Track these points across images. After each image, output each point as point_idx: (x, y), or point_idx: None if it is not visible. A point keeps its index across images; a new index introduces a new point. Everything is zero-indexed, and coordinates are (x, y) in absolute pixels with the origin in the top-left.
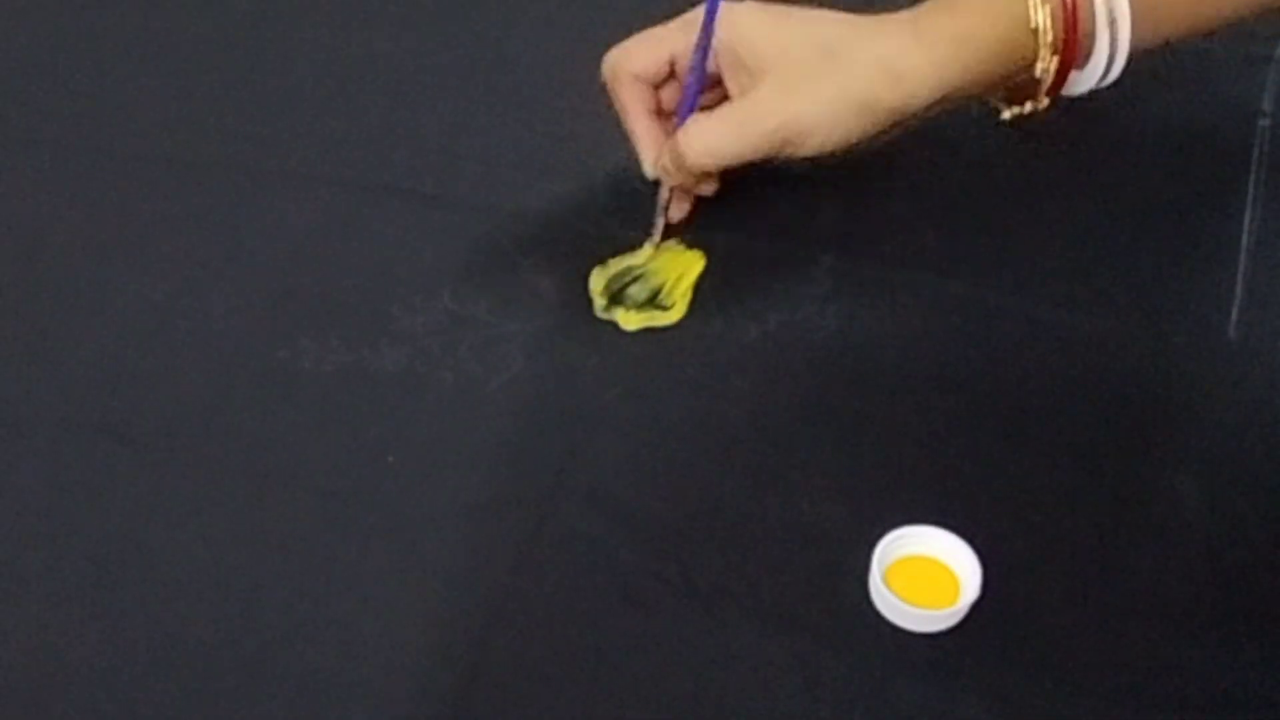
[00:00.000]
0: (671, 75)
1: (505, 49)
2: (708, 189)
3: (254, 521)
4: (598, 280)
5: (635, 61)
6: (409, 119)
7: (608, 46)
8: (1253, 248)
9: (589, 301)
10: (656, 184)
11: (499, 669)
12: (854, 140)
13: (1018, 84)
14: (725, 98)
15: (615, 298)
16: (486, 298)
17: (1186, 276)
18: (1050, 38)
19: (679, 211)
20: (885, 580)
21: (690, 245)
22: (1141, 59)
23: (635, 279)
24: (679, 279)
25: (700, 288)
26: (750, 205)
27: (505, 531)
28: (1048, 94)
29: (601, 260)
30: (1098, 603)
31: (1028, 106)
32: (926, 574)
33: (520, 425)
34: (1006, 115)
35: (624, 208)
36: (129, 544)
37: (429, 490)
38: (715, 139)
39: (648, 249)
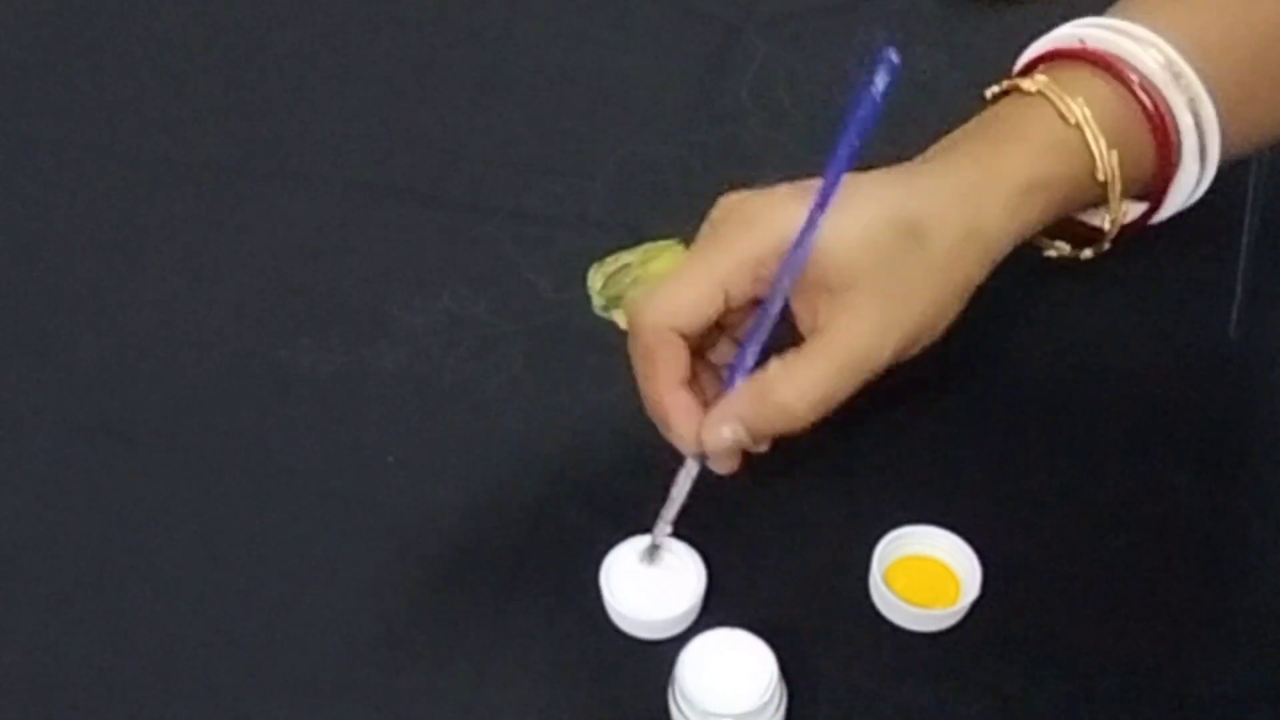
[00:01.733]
0: (719, 325)
1: (505, 49)
2: (763, 445)
3: (254, 521)
4: (595, 279)
5: (684, 312)
6: (409, 119)
7: (608, 47)
8: (1253, 248)
9: (588, 301)
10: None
11: (499, 669)
12: (953, 324)
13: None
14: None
15: (614, 299)
16: (486, 298)
17: (1186, 276)
18: (1120, 187)
19: (733, 464)
20: (885, 580)
21: (690, 246)
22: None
23: (634, 280)
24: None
25: None
26: None
27: (505, 531)
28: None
29: (599, 259)
30: (1098, 603)
31: (1088, 251)
32: (927, 574)
33: (520, 425)
34: (1053, 254)
35: (624, 208)
36: (129, 544)
37: (429, 490)
38: (826, 385)
39: (642, 250)
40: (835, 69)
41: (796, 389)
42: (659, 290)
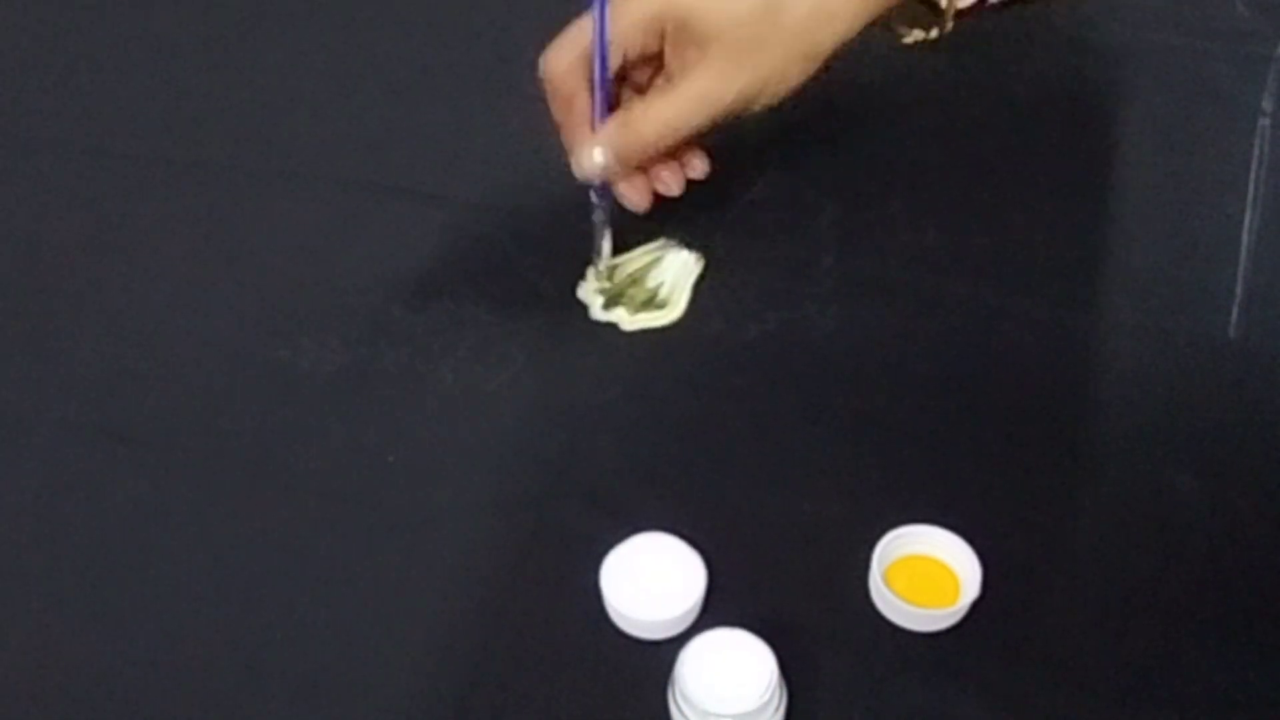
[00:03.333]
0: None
1: (505, 49)
2: (672, 189)
3: (254, 521)
4: (595, 279)
5: (590, 64)
6: (409, 119)
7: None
8: (1253, 248)
9: (588, 301)
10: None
11: (499, 669)
12: (797, 87)
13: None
14: (653, 70)
15: (614, 299)
16: (486, 298)
17: (1186, 276)
18: None
19: (640, 200)
20: (886, 580)
21: (690, 246)
22: None
23: (634, 281)
24: (678, 280)
25: (700, 288)
26: (750, 205)
27: (505, 531)
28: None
29: (592, 261)
30: (1098, 603)
31: (933, 32)
32: (927, 573)
33: (520, 425)
34: (909, 40)
35: (624, 208)
36: (129, 544)
37: (429, 490)
38: (674, 115)
39: (641, 250)
40: (836, 70)
41: (648, 117)
42: (565, 46)
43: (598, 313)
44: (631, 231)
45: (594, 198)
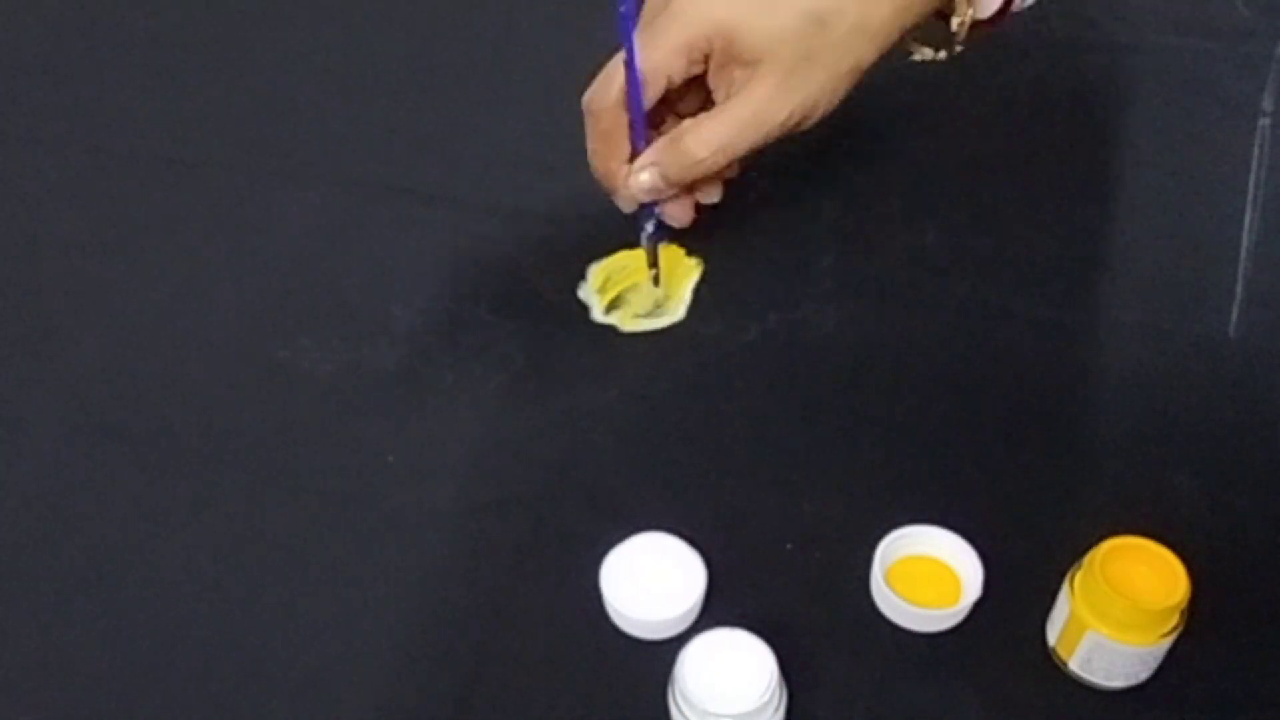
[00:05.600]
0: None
1: (505, 49)
2: (713, 196)
3: (254, 521)
4: (595, 279)
5: (611, 91)
6: (409, 119)
7: (608, 47)
8: (1253, 248)
9: (588, 301)
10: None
11: (499, 669)
12: (843, 102)
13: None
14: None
15: (615, 300)
16: (486, 298)
17: (1186, 276)
18: None
19: (685, 216)
20: (887, 580)
21: (689, 248)
22: None
23: (634, 282)
24: (677, 284)
25: (700, 288)
26: (750, 205)
27: (505, 531)
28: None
29: (599, 259)
30: None
31: (942, 54)
32: (928, 574)
33: (520, 425)
34: (917, 58)
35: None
36: (129, 544)
37: (429, 490)
38: (727, 135)
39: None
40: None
41: (701, 138)
42: (613, 80)
43: (598, 314)
44: (632, 231)
45: (644, 225)
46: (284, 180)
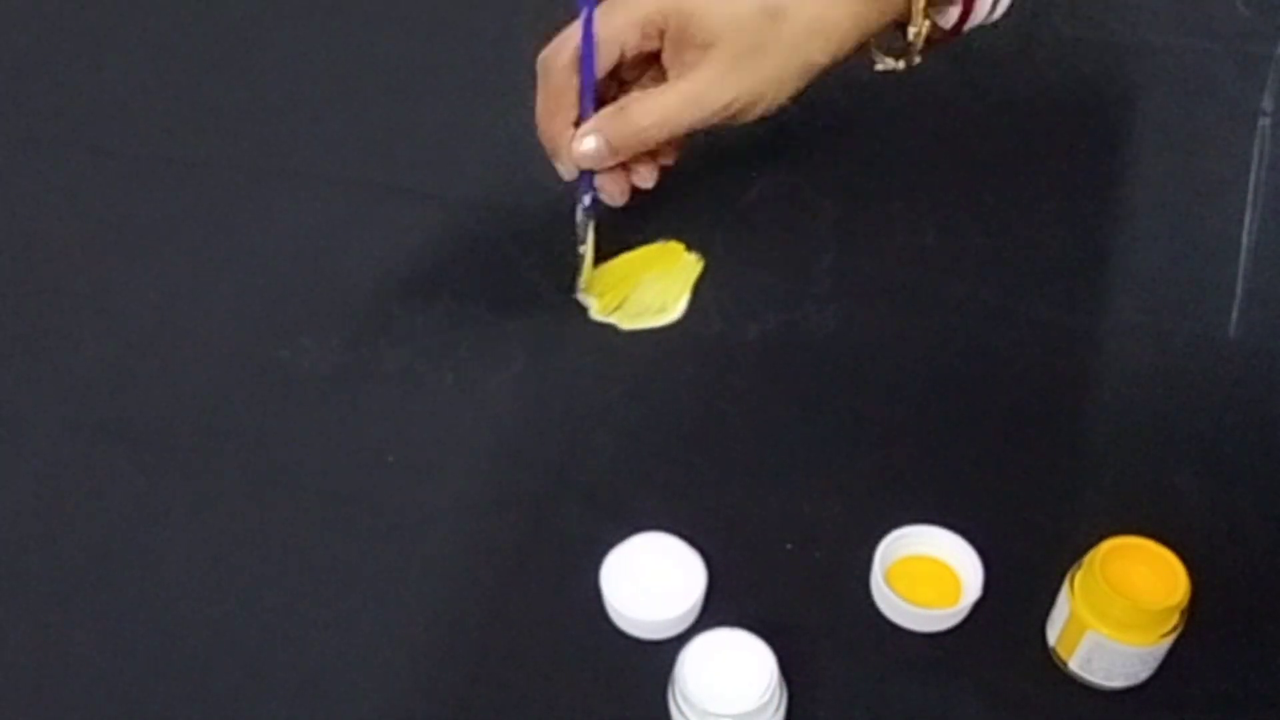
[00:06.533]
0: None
1: (505, 49)
2: (648, 180)
3: (254, 521)
4: (595, 280)
5: (565, 52)
6: (409, 119)
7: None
8: (1253, 248)
9: (587, 301)
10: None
11: (499, 669)
12: (791, 100)
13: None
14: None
15: (614, 300)
16: (486, 297)
17: (1186, 276)
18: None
19: (620, 193)
20: (887, 580)
21: (690, 246)
22: None
23: (634, 282)
24: (677, 282)
25: (700, 288)
26: (750, 205)
27: (505, 531)
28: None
29: (599, 260)
30: None
31: (902, 63)
32: (929, 574)
33: (520, 425)
34: (880, 68)
35: (624, 209)
36: (129, 544)
37: (429, 490)
38: (672, 111)
39: (641, 251)
40: (836, 75)
41: (646, 109)
42: (568, 41)
43: (597, 313)
44: (631, 232)
45: (581, 198)
46: (284, 180)
